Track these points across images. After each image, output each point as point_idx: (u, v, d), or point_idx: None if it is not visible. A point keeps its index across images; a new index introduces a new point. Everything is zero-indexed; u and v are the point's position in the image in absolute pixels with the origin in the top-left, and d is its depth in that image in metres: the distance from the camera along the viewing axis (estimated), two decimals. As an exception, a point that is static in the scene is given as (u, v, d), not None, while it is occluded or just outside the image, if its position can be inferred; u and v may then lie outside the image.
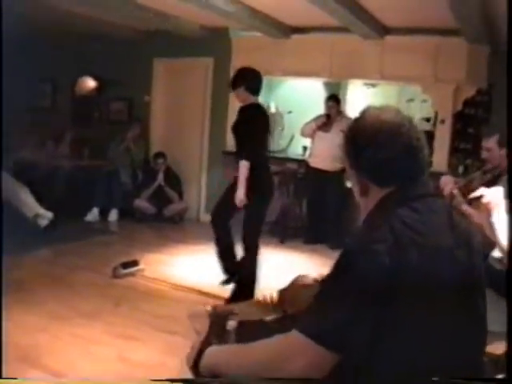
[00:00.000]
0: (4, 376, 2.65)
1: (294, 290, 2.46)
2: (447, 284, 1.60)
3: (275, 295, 2.42)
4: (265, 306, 2.29)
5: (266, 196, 5.27)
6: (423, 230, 1.60)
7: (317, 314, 1.59)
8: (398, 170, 1.70)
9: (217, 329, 2.08)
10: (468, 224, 1.82)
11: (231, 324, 2.06)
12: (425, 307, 1.55)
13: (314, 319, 1.58)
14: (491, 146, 4.24)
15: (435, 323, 1.58)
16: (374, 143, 1.69)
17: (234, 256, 5.50)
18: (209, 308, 2.27)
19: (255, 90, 5.23)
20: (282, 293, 2.43)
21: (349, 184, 1.85)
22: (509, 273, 2.42)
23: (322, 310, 1.58)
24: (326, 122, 7.44)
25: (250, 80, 5.22)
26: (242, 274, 5.30)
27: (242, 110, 5.29)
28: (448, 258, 1.62)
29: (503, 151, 4.17)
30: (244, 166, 5.03)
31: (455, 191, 3.82)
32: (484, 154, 4.40)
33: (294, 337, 1.57)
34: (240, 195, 5.02)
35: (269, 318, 2.17)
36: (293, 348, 1.56)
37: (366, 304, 1.51)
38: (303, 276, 2.62)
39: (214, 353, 1.81)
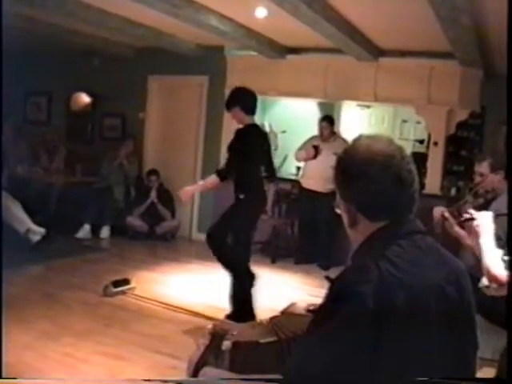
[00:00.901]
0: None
1: (286, 317, 2.45)
2: (437, 321, 1.58)
3: (265, 322, 2.42)
4: (264, 328, 2.29)
5: (252, 216, 5.26)
6: (411, 269, 1.58)
7: (301, 358, 1.56)
8: (388, 204, 1.67)
9: (214, 347, 2.09)
10: (456, 260, 1.80)
11: (226, 344, 2.06)
12: (413, 345, 1.54)
13: (298, 363, 1.56)
14: (484, 170, 4.26)
15: (424, 359, 1.56)
16: (364, 176, 1.65)
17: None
18: (210, 326, 2.28)
19: (251, 110, 5.23)
20: (274, 319, 2.43)
21: (338, 211, 1.84)
22: (509, 288, 2.43)
23: (307, 354, 1.55)
24: (315, 154, 7.42)
25: (245, 100, 5.22)
26: (237, 298, 5.27)
27: (240, 132, 5.27)
28: (438, 296, 1.60)
29: (497, 175, 4.20)
30: (212, 177, 5.21)
31: (446, 214, 3.83)
32: (477, 179, 4.40)
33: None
34: (187, 189, 5.20)
35: (263, 340, 2.17)
36: None
37: (352, 346, 1.49)
38: (295, 304, 2.62)
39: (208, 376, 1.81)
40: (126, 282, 6.06)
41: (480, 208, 3.70)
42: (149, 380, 1.66)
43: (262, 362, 1.67)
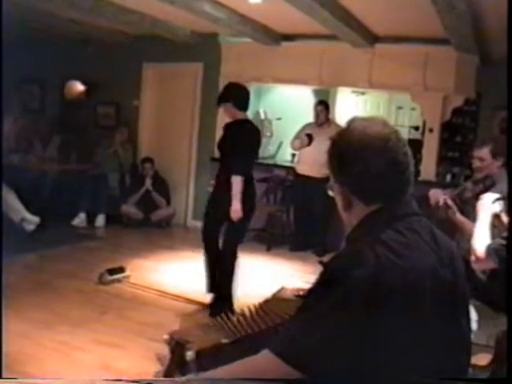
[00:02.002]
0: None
1: (274, 302, 2.44)
2: (431, 304, 1.57)
3: (253, 308, 2.40)
4: (221, 326, 2.26)
5: (250, 211, 5.24)
6: (406, 252, 1.57)
7: (290, 335, 1.56)
8: (383, 186, 1.66)
9: (177, 358, 2.06)
10: (451, 242, 1.80)
11: (190, 355, 2.03)
12: (407, 327, 1.53)
13: (286, 339, 1.56)
14: (484, 155, 4.25)
15: (419, 342, 1.56)
16: (359, 159, 1.64)
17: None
18: (166, 337, 2.24)
19: (243, 106, 5.20)
20: (263, 304, 2.42)
21: (330, 193, 1.81)
22: (508, 281, 2.44)
23: (297, 331, 1.55)
24: (309, 142, 7.40)
25: (237, 96, 5.19)
26: (220, 284, 5.26)
27: (230, 126, 5.26)
28: (432, 279, 1.59)
29: (497, 162, 4.19)
30: (239, 181, 4.99)
31: (449, 201, 3.82)
32: (476, 163, 4.40)
33: (268, 358, 1.54)
34: (237, 208, 4.99)
35: (225, 340, 2.14)
36: (265, 368, 1.55)
37: (344, 328, 1.49)
38: (285, 289, 2.61)
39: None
40: (121, 269, 6.06)
41: (480, 194, 3.71)
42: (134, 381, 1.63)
43: (229, 362, 1.64)
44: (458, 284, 1.70)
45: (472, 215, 3.21)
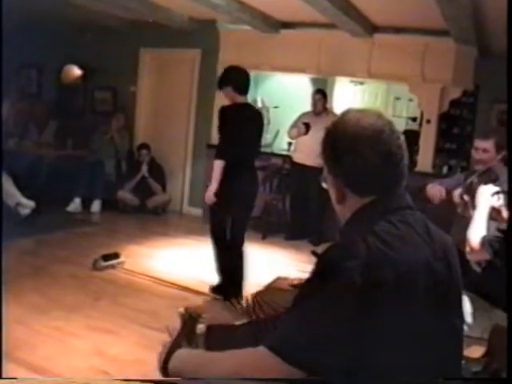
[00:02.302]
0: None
1: (270, 292, 2.44)
2: (424, 296, 1.57)
3: (250, 298, 2.41)
4: (236, 310, 2.27)
5: (250, 202, 5.24)
6: (399, 245, 1.56)
7: (284, 330, 1.55)
8: (377, 179, 1.65)
9: (187, 331, 2.07)
10: (445, 236, 1.79)
11: (200, 328, 2.04)
12: (400, 320, 1.53)
13: (281, 334, 1.55)
14: (489, 147, 4.22)
15: (411, 335, 1.55)
16: (353, 151, 1.63)
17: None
18: (181, 310, 2.25)
19: (243, 90, 5.15)
20: (259, 295, 2.42)
21: (324, 185, 1.81)
22: (509, 273, 2.44)
23: (291, 325, 1.54)
24: (306, 131, 7.38)
25: (237, 79, 5.13)
26: (230, 273, 5.27)
27: (229, 110, 5.17)
28: (425, 271, 1.59)
29: (498, 155, 4.19)
30: (218, 164, 4.99)
31: (466, 197, 3.80)
32: (478, 155, 4.33)
33: (262, 352, 1.53)
34: (209, 194, 5.02)
35: (237, 322, 2.16)
36: (260, 363, 1.53)
37: (337, 321, 1.48)
38: (281, 278, 2.61)
39: (183, 357, 1.79)
40: (115, 255, 6.05)
41: None
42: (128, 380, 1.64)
43: (237, 345, 1.65)
44: (451, 278, 1.70)
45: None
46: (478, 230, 2.89)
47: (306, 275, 1.64)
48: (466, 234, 3.03)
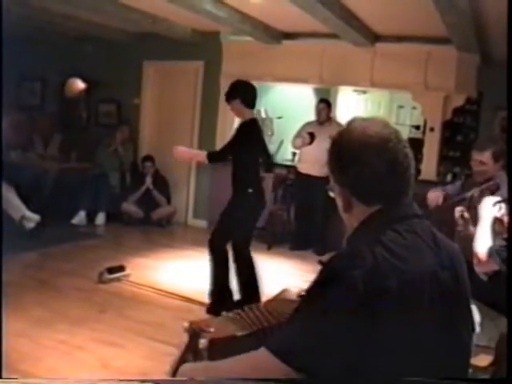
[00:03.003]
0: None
1: (276, 303, 2.43)
2: (430, 306, 1.56)
3: (256, 309, 2.39)
4: (241, 320, 2.26)
5: (258, 211, 5.25)
6: (406, 255, 1.55)
7: (287, 333, 1.56)
8: (383, 188, 1.64)
9: (192, 346, 2.07)
10: (452, 244, 1.78)
11: (203, 342, 2.04)
12: (404, 330, 1.52)
13: (283, 338, 1.55)
14: (485, 159, 4.19)
15: (416, 345, 1.54)
16: (359, 160, 1.62)
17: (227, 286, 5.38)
18: (186, 324, 2.24)
19: (250, 104, 5.19)
20: (265, 305, 2.40)
21: (331, 194, 1.80)
22: (509, 282, 2.42)
23: (293, 329, 1.54)
24: (310, 141, 7.38)
25: (245, 92, 5.18)
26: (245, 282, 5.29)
27: (241, 127, 5.24)
28: (431, 281, 1.57)
29: (498, 164, 4.16)
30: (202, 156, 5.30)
31: (466, 215, 3.77)
32: (477, 167, 4.29)
33: (263, 355, 1.53)
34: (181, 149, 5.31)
35: (240, 333, 2.15)
36: (261, 365, 1.54)
37: (340, 328, 1.47)
38: (288, 290, 2.59)
39: (186, 370, 1.80)
40: (121, 268, 6.05)
41: None
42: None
43: (241, 353, 1.65)
44: (458, 287, 1.68)
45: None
46: (483, 242, 2.87)
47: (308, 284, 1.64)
48: (470, 242, 3.02)
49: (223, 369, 1.66)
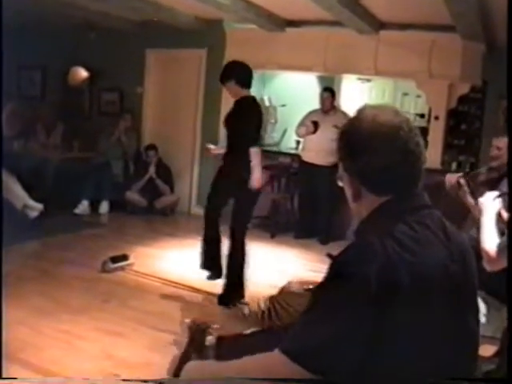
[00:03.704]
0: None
1: (284, 296, 2.41)
2: (441, 300, 1.54)
3: (263, 303, 2.37)
4: (246, 317, 2.24)
5: (256, 193, 5.21)
6: (416, 248, 1.53)
7: (299, 333, 1.52)
8: (394, 177, 1.61)
9: (196, 343, 2.04)
10: (462, 236, 1.76)
11: (210, 340, 2.01)
12: (416, 323, 1.50)
13: (295, 338, 1.52)
14: (502, 145, 4.34)
15: (427, 338, 1.53)
16: (369, 149, 1.59)
17: (218, 253, 5.36)
18: (188, 321, 2.22)
19: (246, 83, 5.15)
20: (273, 299, 2.38)
21: (340, 183, 1.77)
22: (509, 275, 2.40)
23: (305, 329, 1.51)
24: (314, 130, 7.35)
25: (239, 73, 5.14)
26: (231, 270, 5.22)
27: (237, 103, 5.21)
28: (442, 274, 1.56)
29: None
30: (258, 151, 5.01)
31: (462, 181, 3.81)
32: (493, 152, 4.49)
33: (277, 357, 1.50)
34: (257, 176, 4.98)
35: (247, 331, 2.12)
36: (276, 368, 1.50)
37: (354, 324, 1.45)
38: (293, 282, 2.58)
39: (193, 369, 1.76)
40: (124, 257, 6.03)
41: (493, 181, 3.69)
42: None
43: (249, 354, 1.61)
44: (467, 279, 1.67)
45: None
46: (491, 238, 2.81)
47: (319, 278, 1.61)
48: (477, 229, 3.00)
49: (234, 369, 1.62)
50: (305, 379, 1.46)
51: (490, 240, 2.79)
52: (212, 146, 5.86)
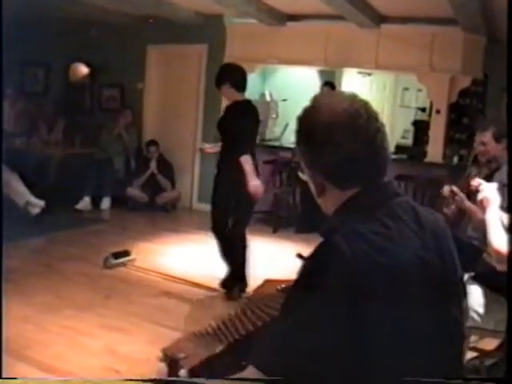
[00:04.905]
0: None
1: (261, 297, 2.38)
2: (419, 293, 1.47)
3: (240, 308, 2.35)
4: (213, 334, 2.22)
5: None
6: (388, 246, 1.44)
7: (270, 344, 1.45)
8: (357, 169, 1.51)
9: (172, 376, 2.02)
10: (434, 217, 1.66)
11: (182, 373, 1.99)
12: (396, 321, 1.43)
13: (266, 350, 1.45)
14: (486, 139, 4.17)
15: (409, 334, 1.46)
16: (328, 141, 1.50)
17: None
18: (160, 355, 2.20)
19: (241, 87, 5.12)
20: (251, 302, 2.36)
21: (303, 177, 1.72)
22: (509, 273, 2.38)
23: (276, 339, 1.44)
24: None
25: (234, 76, 5.12)
26: (232, 265, 5.24)
27: (229, 109, 5.22)
28: (417, 268, 1.48)
29: (500, 144, 4.12)
30: (248, 159, 4.94)
31: (455, 188, 3.77)
32: (479, 148, 4.27)
33: (251, 372, 1.42)
34: (256, 183, 4.93)
35: (216, 351, 2.10)
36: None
37: (328, 332, 1.37)
38: (269, 282, 2.56)
39: None
40: (126, 253, 6.04)
41: (485, 178, 3.65)
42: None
43: (223, 367, 1.58)
44: (445, 265, 1.58)
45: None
46: (499, 236, 2.70)
47: (292, 278, 1.56)
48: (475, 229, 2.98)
49: None
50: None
51: (499, 238, 2.67)
52: (206, 145, 5.86)
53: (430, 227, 1.59)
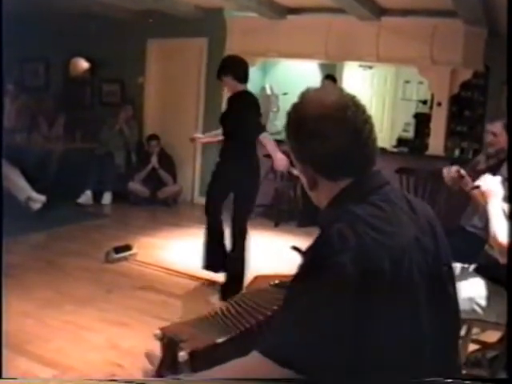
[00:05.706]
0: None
1: (252, 295, 2.37)
2: (419, 276, 1.49)
3: (233, 306, 2.33)
4: (216, 320, 2.19)
5: (256, 179, 5.20)
6: (388, 228, 1.47)
7: (276, 332, 1.47)
8: (348, 161, 1.56)
9: (169, 358, 1.99)
10: (426, 206, 1.71)
11: (182, 356, 1.94)
12: (397, 304, 1.44)
13: (272, 337, 1.47)
14: (497, 130, 4.21)
15: (409, 318, 1.48)
16: (318, 134, 1.53)
17: (221, 251, 5.33)
18: (157, 332, 2.17)
19: (243, 78, 5.14)
20: (242, 300, 2.34)
21: (294, 172, 1.74)
22: (509, 268, 2.36)
23: (282, 327, 1.46)
24: None
25: (236, 68, 5.15)
26: (231, 262, 5.22)
27: (233, 99, 5.23)
28: (416, 250, 1.51)
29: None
30: (265, 136, 5.08)
31: (463, 172, 3.77)
32: (488, 138, 4.35)
33: (256, 358, 1.44)
34: (281, 156, 5.01)
35: (219, 340, 2.07)
36: (256, 370, 1.44)
37: (335, 319, 1.39)
38: (260, 277, 2.55)
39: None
40: (127, 247, 6.04)
41: (492, 168, 3.65)
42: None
43: (223, 362, 1.56)
44: (439, 251, 1.61)
45: None
46: (502, 229, 2.70)
47: (288, 273, 1.56)
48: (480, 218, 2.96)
49: (212, 377, 1.56)
50: (293, 379, 1.40)
51: (502, 231, 2.63)
52: (200, 135, 5.87)
53: (422, 213, 1.63)
